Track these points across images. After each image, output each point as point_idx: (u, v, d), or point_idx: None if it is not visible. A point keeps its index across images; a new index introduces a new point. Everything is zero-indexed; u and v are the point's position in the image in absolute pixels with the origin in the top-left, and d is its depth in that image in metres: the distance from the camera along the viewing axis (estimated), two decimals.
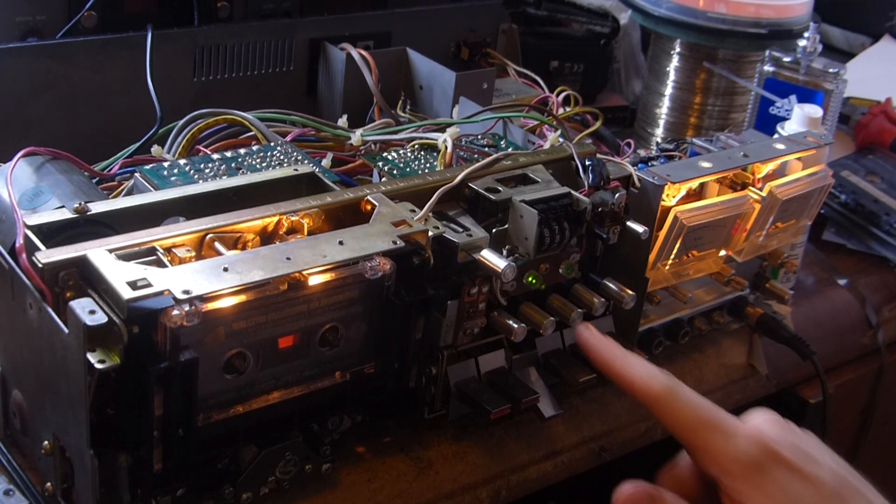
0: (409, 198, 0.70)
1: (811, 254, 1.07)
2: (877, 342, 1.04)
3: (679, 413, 0.64)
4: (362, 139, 0.89)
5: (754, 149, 0.86)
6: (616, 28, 1.29)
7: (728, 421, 0.64)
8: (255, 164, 0.79)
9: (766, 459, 0.62)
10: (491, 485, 0.74)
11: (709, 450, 0.63)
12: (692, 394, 0.65)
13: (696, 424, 0.64)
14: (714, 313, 0.90)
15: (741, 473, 0.62)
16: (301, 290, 0.61)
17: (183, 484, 0.60)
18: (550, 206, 0.71)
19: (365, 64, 0.99)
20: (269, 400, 0.63)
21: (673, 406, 0.64)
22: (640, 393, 0.66)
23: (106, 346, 0.55)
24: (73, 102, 0.92)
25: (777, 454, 0.62)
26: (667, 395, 0.65)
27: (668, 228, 0.78)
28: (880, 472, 0.65)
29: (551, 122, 0.94)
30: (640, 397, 0.66)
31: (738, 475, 0.62)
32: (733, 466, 0.62)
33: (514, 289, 0.72)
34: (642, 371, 0.67)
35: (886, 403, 1.10)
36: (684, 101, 1.17)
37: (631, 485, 0.63)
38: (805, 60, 1.05)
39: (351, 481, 0.69)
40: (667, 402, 0.65)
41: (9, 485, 0.64)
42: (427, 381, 0.71)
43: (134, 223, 0.63)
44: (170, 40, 0.95)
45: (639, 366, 0.67)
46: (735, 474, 0.62)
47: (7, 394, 0.65)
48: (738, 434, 0.63)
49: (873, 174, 1.17)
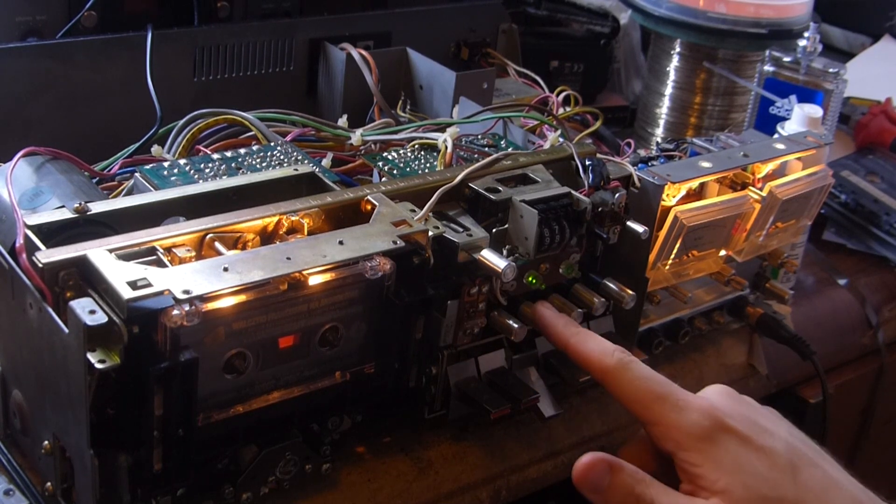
0: (409, 198, 0.70)
1: (811, 254, 1.07)
2: (877, 342, 1.04)
3: (631, 386, 0.66)
4: (362, 139, 0.89)
5: (754, 149, 0.86)
6: (616, 28, 1.29)
7: (679, 394, 0.65)
8: (255, 164, 0.79)
9: (716, 431, 0.63)
10: (491, 485, 0.74)
11: (661, 422, 0.64)
12: (644, 368, 0.66)
13: (649, 398, 0.65)
14: (714, 313, 0.90)
15: (693, 445, 0.63)
16: (301, 290, 0.61)
17: (183, 484, 0.60)
18: (550, 206, 0.71)
19: (365, 64, 0.99)
20: (269, 400, 0.63)
21: (625, 379, 0.66)
22: (594, 367, 0.68)
23: (106, 346, 0.55)
24: (73, 102, 0.92)
25: (727, 425, 0.63)
26: (619, 369, 0.66)
27: (668, 228, 0.78)
28: (880, 472, 0.66)
29: (551, 122, 0.94)
30: (595, 372, 0.68)
31: (690, 447, 0.63)
32: (685, 439, 0.63)
33: (514, 289, 0.72)
34: (596, 346, 0.68)
35: (886, 403, 1.10)
36: (684, 101, 1.17)
37: (590, 455, 0.64)
38: (805, 60, 1.05)
39: (351, 481, 0.69)
40: (619, 375, 0.66)
41: (9, 485, 0.64)
42: (427, 381, 0.71)
43: (134, 223, 0.63)
44: (170, 40, 0.95)
45: (592, 341, 0.69)
46: (687, 446, 0.63)
47: (7, 394, 0.65)
48: (690, 407, 0.64)
49: (873, 174, 1.17)
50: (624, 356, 0.67)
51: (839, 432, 1.04)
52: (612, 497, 0.63)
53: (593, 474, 0.64)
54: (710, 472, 0.62)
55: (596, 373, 0.68)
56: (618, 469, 0.64)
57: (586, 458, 0.64)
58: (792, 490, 0.62)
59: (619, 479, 0.63)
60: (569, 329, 0.71)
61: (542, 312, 0.72)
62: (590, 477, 0.64)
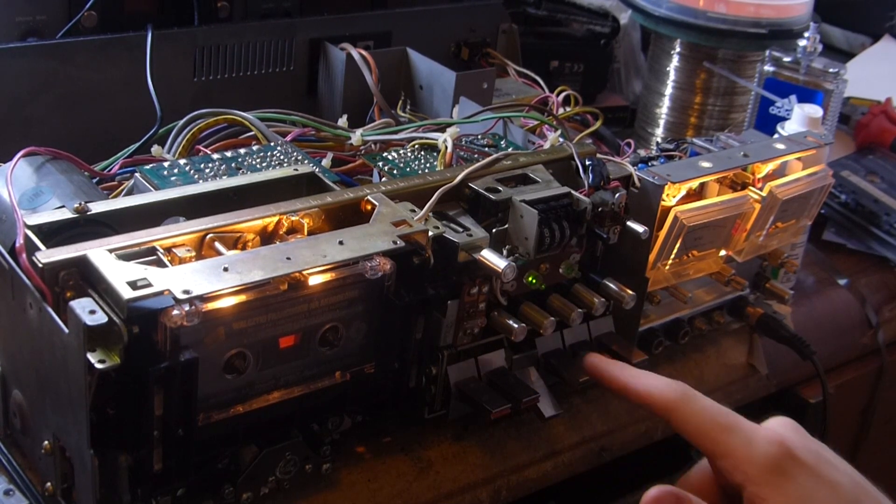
0: (409, 198, 0.70)
1: (811, 254, 1.07)
2: (877, 342, 1.04)
3: (696, 419, 0.65)
4: (362, 139, 0.89)
5: (754, 149, 0.86)
6: (616, 28, 1.29)
7: (746, 425, 0.64)
8: (255, 164, 0.79)
9: (786, 462, 0.62)
10: (491, 485, 0.74)
11: (729, 454, 0.63)
12: (707, 400, 0.66)
13: (715, 430, 0.64)
14: (714, 313, 0.90)
15: (762, 477, 0.62)
16: (301, 290, 0.61)
17: (183, 484, 0.60)
18: (550, 206, 0.71)
19: (365, 64, 0.99)
20: (269, 400, 0.63)
21: (690, 412, 0.65)
22: (657, 403, 0.67)
23: (106, 346, 0.55)
24: (73, 102, 0.92)
25: (797, 457, 0.62)
26: (683, 402, 0.65)
27: (668, 228, 0.78)
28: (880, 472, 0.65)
29: (551, 122, 0.94)
30: (658, 408, 0.67)
31: (759, 479, 0.62)
32: (754, 470, 0.62)
33: (514, 289, 0.72)
34: (657, 382, 0.68)
35: (886, 403, 1.10)
36: (684, 101, 1.17)
37: (657, 489, 0.63)
38: (805, 60, 1.05)
39: (351, 481, 0.69)
40: (684, 408, 0.65)
41: (9, 485, 0.64)
42: (427, 381, 0.71)
43: (134, 223, 0.63)
44: (170, 40, 0.95)
45: (652, 378, 0.68)
46: (756, 478, 0.62)
47: (7, 394, 0.65)
48: (758, 437, 0.63)
49: (873, 174, 1.17)
50: (684, 389, 0.66)
51: (839, 432, 1.04)
52: None
53: None
54: None
55: (659, 409, 0.66)
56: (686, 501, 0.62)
57: (654, 492, 0.62)
58: None
59: None
60: (625, 372, 0.70)
61: (592, 363, 0.73)
62: None
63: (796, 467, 0.62)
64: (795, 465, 0.62)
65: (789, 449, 0.62)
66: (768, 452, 0.62)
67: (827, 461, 0.63)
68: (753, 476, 0.62)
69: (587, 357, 0.74)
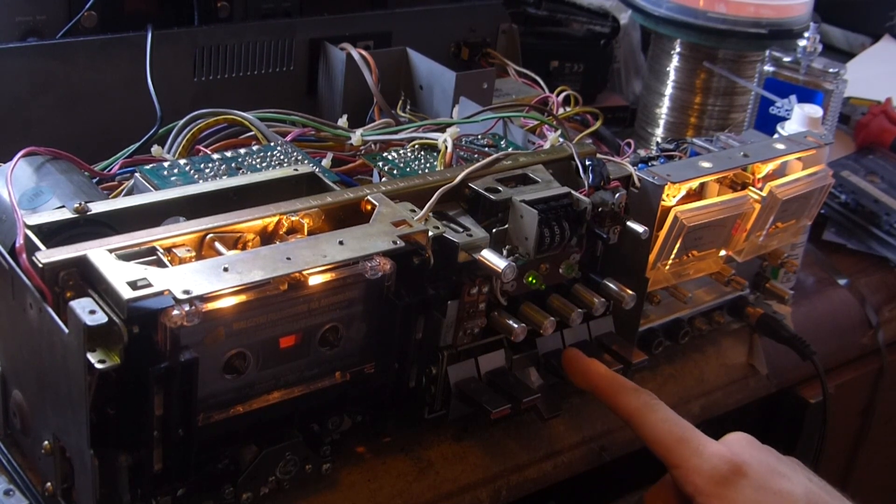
0: (409, 198, 0.70)
1: (811, 254, 1.07)
2: (877, 342, 1.04)
3: (654, 429, 0.68)
4: (362, 139, 0.89)
5: (754, 149, 0.86)
6: (616, 28, 1.29)
7: (699, 438, 0.67)
8: (255, 164, 0.79)
9: (734, 476, 0.64)
10: (491, 485, 0.74)
11: (680, 465, 0.66)
12: (668, 411, 0.69)
13: (670, 440, 0.67)
14: (714, 313, 0.90)
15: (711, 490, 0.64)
16: (301, 290, 0.61)
17: (183, 484, 0.60)
18: (550, 206, 0.71)
19: (365, 64, 0.99)
20: (269, 400, 0.63)
21: (650, 421, 0.68)
22: (621, 410, 0.70)
23: (106, 346, 0.55)
24: (73, 102, 0.92)
25: (745, 471, 0.64)
26: (644, 411, 0.69)
27: (668, 228, 0.78)
28: (880, 473, 0.66)
29: (551, 122, 0.94)
30: (621, 414, 0.70)
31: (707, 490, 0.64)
32: (703, 483, 0.64)
33: (514, 289, 0.72)
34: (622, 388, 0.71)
35: (886, 403, 1.10)
36: (684, 101, 1.17)
37: None
38: (805, 60, 1.05)
39: (351, 481, 0.69)
40: (644, 417, 0.68)
41: (9, 485, 0.64)
42: (427, 381, 0.71)
43: (134, 223, 0.63)
44: (170, 40, 0.95)
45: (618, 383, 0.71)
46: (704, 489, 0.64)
47: (7, 394, 0.65)
48: (708, 451, 0.66)
49: (873, 174, 1.17)
50: (650, 400, 0.69)
51: (839, 432, 1.04)
52: None
53: None
54: None
55: (622, 414, 0.70)
56: None
57: None
58: None
59: None
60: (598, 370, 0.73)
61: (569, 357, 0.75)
62: None
63: (743, 479, 0.64)
64: (743, 477, 0.64)
65: (737, 463, 0.65)
66: (716, 465, 0.64)
67: (780, 474, 0.65)
68: (702, 487, 0.64)
69: (567, 351, 0.75)
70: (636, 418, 0.69)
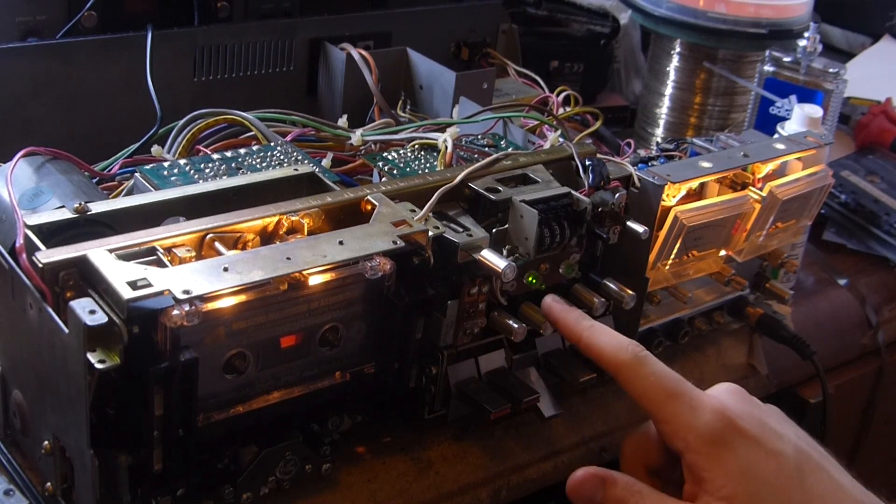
0: (409, 198, 0.70)
1: (811, 254, 1.07)
2: (877, 342, 1.04)
3: (645, 382, 0.65)
4: (362, 139, 0.89)
5: (754, 149, 0.86)
6: (616, 28, 1.29)
7: (692, 393, 0.64)
8: (255, 164, 0.79)
9: (727, 433, 0.62)
10: (491, 485, 0.74)
11: (671, 421, 0.63)
12: (659, 364, 0.66)
13: (660, 395, 0.64)
14: (714, 313, 0.90)
15: (702, 448, 0.62)
16: (301, 290, 0.61)
17: (183, 484, 0.60)
18: (550, 206, 0.71)
19: (365, 64, 0.99)
20: (269, 400, 0.63)
21: (639, 375, 0.65)
22: (607, 362, 0.67)
23: (106, 346, 0.55)
24: (73, 102, 0.92)
25: (739, 427, 0.62)
26: (634, 364, 0.65)
27: (668, 228, 0.78)
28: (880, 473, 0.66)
29: (551, 122, 0.94)
30: (608, 366, 0.67)
31: (699, 449, 0.62)
32: (695, 440, 0.62)
33: (514, 289, 0.72)
34: (609, 340, 0.67)
35: (886, 403, 1.10)
36: (684, 101, 1.17)
37: (583, 470, 0.64)
38: (805, 60, 1.05)
39: (351, 481, 0.69)
40: (634, 371, 0.65)
41: (9, 485, 0.64)
42: (427, 381, 0.71)
43: (134, 223, 0.63)
44: (170, 40, 0.95)
45: (606, 335, 0.68)
46: (697, 448, 0.62)
47: (7, 394, 0.65)
48: (702, 407, 0.63)
49: (873, 174, 1.17)
50: (638, 350, 0.66)
51: (839, 432, 1.04)
52: None
53: (586, 489, 0.64)
54: (717, 478, 0.61)
55: (609, 367, 0.66)
56: (611, 483, 0.64)
57: (579, 473, 0.64)
58: (798, 495, 0.61)
59: (612, 492, 0.63)
60: (581, 323, 0.69)
61: (551, 306, 0.71)
62: (582, 492, 0.64)
63: (738, 438, 0.62)
64: (737, 435, 0.62)
65: (731, 419, 0.63)
66: (710, 422, 0.62)
67: (771, 430, 0.63)
68: (694, 445, 0.62)
69: (546, 298, 0.72)
70: (624, 372, 0.65)
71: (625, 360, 0.65)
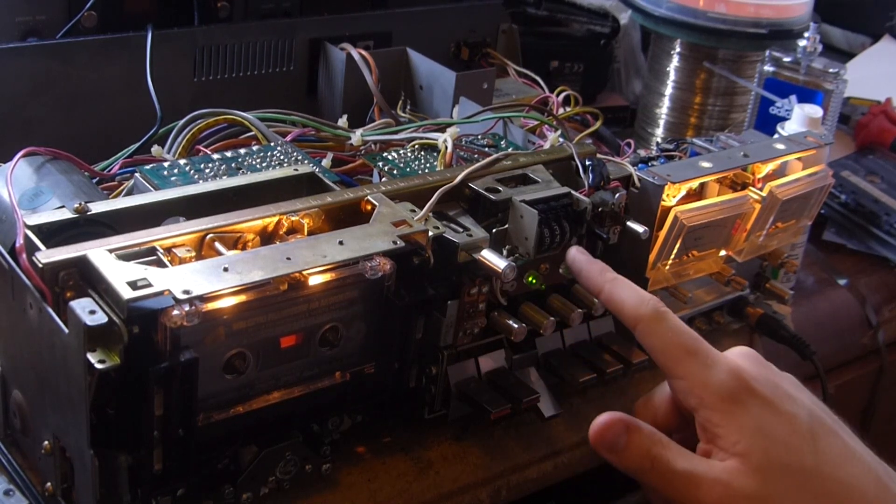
0: (409, 198, 0.70)
1: (811, 254, 1.07)
2: (877, 342, 1.04)
3: (661, 338, 0.65)
4: (362, 139, 0.89)
5: (754, 149, 0.86)
6: (616, 28, 1.29)
7: (709, 351, 0.64)
8: (255, 164, 0.79)
9: (741, 392, 0.62)
10: (491, 485, 0.74)
11: (686, 377, 0.64)
12: (677, 321, 0.66)
13: (677, 351, 0.64)
14: (714, 313, 0.90)
15: (717, 404, 0.62)
16: (301, 290, 0.61)
17: (183, 484, 0.60)
18: (550, 206, 0.71)
19: (365, 64, 0.99)
20: (269, 400, 0.63)
21: (658, 330, 0.65)
22: (627, 316, 0.67)
23: (106, 346, 0.55)
24: (73, 102, 0.92)
25: (753, 388, 0.63)
26: (654, 319, 0.65)
27: (668, 228, 0.78)
28: None
29: (551, 122, 0.94)
30: (627, 320, 0.67)
31: (714, 406, 0.62)
32: (709, 397, 0.62)
33: (514, 289, 0.72)
34: (631, 294, 0.67)
35: (886, 403, 1.10)
36: (684, 101, 1.17)
37: (607, 415, 0.64)
38: (805, 60, 1.05)
39: (351, 481, 0.69)
40: (653, 326, 0.65)
41: (9, 485, 0.64)
42: (427, 381, 0.71)
43: (134, 223, 0.63)
44: (170, 40, 0.95)
45: (628, 289, 0.68)
46: (711, 405, 0.62)
47: (7, 394, 0.65)
48: (717, 365, 0.63)
49: (873, 174, 1.17)
50: (659, 306, 0.66)
51: None
52: (628, 458, 0.63)
53: (610, 434, 0.63)
54: (730, 434, 0.61)
55: (629, 320, 0.66)
56: (635, 429, 0.63)
57: (603, 418, 0.64)
58: (811, 457, 0.61)
59: (635, 439, 0.63)
60: (604, 275, 0.69)
61: (575, 257, 0.71)
62: (607, 437, 0.63)
63: (751, 398, 0.62)
64: (751, 395, 0.62)
65: (746, 380, 0.63)
66: (725, 381, 0.62)
67: (785, 393, 0.64)
68: (708, 401, 0.62)
69: (570, 249, 0.72)
70: (643, 326, 0.65)
71: (644, 314, 0.66)
